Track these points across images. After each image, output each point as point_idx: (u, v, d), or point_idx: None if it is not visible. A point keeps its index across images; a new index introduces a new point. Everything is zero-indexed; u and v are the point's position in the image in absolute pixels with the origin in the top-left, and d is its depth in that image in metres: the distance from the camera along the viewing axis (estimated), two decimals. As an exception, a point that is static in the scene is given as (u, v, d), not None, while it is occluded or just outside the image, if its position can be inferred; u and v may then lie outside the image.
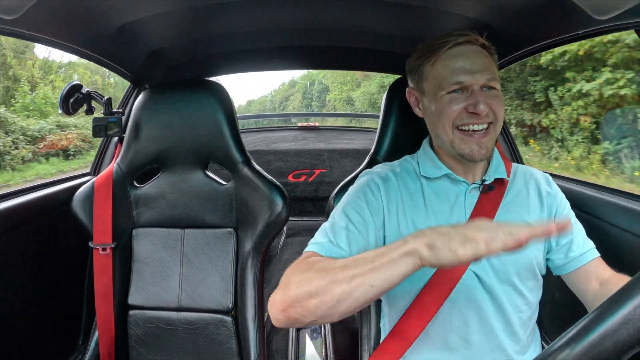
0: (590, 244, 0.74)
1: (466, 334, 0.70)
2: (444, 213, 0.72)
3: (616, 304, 0.32)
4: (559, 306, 0.99)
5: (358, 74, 15.26)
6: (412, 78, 0.77)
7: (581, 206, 0.93)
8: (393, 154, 0.95)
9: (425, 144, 0.80)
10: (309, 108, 19.64)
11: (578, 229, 0.75)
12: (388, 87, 1.01)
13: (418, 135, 0.84)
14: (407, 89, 0.79)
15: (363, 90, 14.05)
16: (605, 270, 0.71)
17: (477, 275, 0.70)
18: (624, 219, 0.86)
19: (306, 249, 0.67)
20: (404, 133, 0.96)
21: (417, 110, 0.78)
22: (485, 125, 0.68)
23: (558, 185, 0.79)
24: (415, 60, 0.75)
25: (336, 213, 0.72)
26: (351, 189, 0.76)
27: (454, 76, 0.68)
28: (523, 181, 0.77)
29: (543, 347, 0.81)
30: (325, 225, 0.70)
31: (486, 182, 0.73)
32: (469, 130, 0.68)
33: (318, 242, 0.67)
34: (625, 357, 0.31)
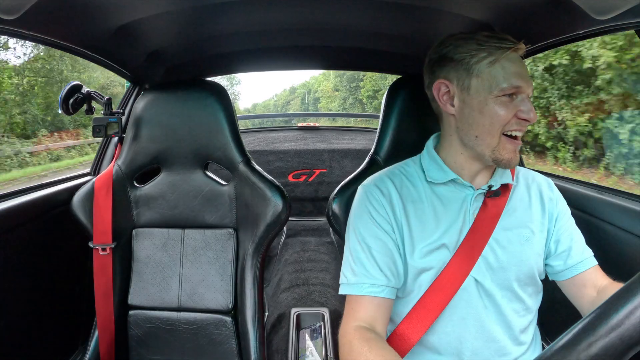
0: (589, 252, 0.74)
1: (466, 340, 0.70)
2: (449, 218, 0.72)
3: (620, 301, 0.32)
4: (559, 306, 0.99)
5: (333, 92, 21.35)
6: (449, 70, 0.70)
7: (581, 206, 0.93)
8: (393, 154, 0.95)
9: (429, 146, 0.78)
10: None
11: (578, 236, 0.75)
12: (345, 105, 1.01)
13: (419, 135, 0.84)
14: (437, 81, 0.72)
15: (334, 104, 20.69)
16: (602, 279, 0.71)
17: (476, 281, 0.69)
18: (624, 219, 0.86)
19: (341, 290, 0.71)
20: (405, 133, 0.96)
21: (448, 106, 0.71)
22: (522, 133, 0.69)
23: (557, 185, 0.79)
24: (461, 53, 0.68)
25: (353, 242, 0.72)
26: (354, 207, 0.76)
27: (513, 80, 0.66)
28: (525, 185, 0.77)
29: (543, 348, 0.81)
30: (349, 259, 0.72)
31: (493, 188, 0.72)
32: (512, 136, 0.68)
33: (350, 282, 0.70)
34: (628, 354, 0.31)
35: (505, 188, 0.74)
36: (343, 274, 0.72)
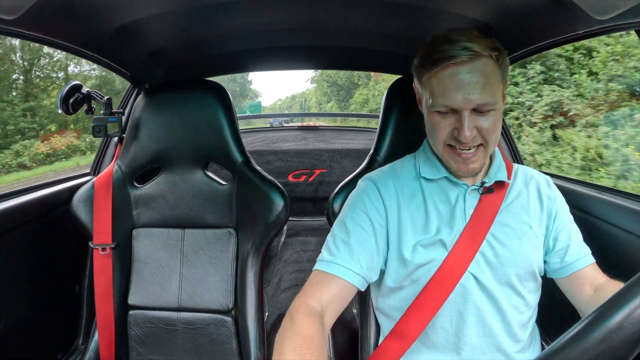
0: (587, 250, 0.74)
1: (464, 335, 0.70)
2: (444, 214, 0.72)
3: (621, 300, 0.32)
4: (558, 306, 0.99)
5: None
6: (415, 79, 0.74)
7: (580, 206, 0.93)
8: (393, 154, 0.95)
9: (425, 143, 0.79)
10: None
11: (575, 234, 0.75)
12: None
13: (418, 135, 0.84)
14: (413, 83, 0.75)
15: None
16: (600, 276, 0.71)
17: (474, 277, 0.70)
18: (623, 218, 0.86)
19: (315, 267, 0.70)
20: (404, 133, 0.96)
21: (421, 107, 0.75)
22: (472, 150, 0.67)
23: (557, 184, 0.79)
24: (417, 67, 0.70)
25: (339, 227, 0.73)
26: (350, 197, 0.76)
27: (444, 98, 0.64)
28: (524, 183, 0.77)
29: (543, 347, 0.81)
30: (329, 239, 0.72)
31: (486, 185, 0.73)
32: (457, 149, 0.68)
33: (324, 259, 0.70)
34: (629, 355, 0.31)
35: (501, 185, 0.74)
36: (320, 254, 0.72)
